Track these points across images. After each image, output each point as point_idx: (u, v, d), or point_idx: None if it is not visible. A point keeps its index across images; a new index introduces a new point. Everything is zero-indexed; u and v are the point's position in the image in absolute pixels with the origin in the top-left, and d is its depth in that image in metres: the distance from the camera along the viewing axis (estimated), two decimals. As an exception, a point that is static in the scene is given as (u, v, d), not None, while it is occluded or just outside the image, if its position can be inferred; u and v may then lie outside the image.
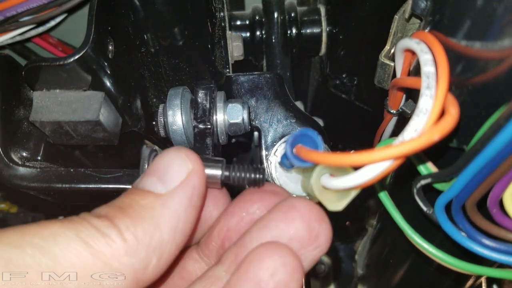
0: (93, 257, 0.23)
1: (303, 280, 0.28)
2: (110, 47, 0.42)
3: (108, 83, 0.42)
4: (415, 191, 0.33)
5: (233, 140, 0.73)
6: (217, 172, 0.33)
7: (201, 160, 0.29)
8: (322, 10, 0.64)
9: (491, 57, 0.26)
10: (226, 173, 0.33)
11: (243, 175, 0.33)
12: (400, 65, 0.35)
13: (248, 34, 0.64)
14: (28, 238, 0.23)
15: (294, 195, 0.43)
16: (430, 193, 0.32)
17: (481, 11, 0.25)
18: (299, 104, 0.58)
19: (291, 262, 0.27)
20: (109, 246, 0.24)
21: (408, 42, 0.30)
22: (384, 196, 0.40)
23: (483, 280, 0.63)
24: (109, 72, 0.42)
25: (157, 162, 0.29)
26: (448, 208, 0.30)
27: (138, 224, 0.25)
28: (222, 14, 0.51)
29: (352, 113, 0.73)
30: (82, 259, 0.23)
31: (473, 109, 0.28)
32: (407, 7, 0.34)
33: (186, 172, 0.28)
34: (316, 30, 0.64)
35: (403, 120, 0.42)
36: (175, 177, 0.28)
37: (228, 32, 0.53)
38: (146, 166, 0.32)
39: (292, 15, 0.63)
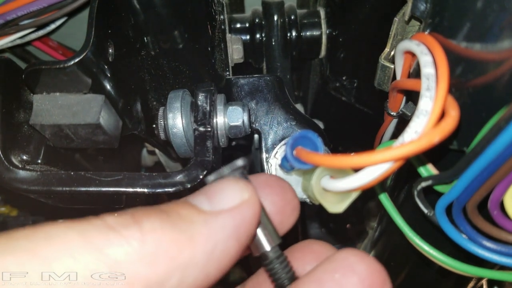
0: (96, 260, 0.19)
1: None
2: (110, 50, 0.42)
3: (108, 86, 0.42)
4: (415, 193, 0.32)
5: (233, 142, 0.73)
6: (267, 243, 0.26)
7: (260, 201, 0.25)
8: (322, 13, 0.64)
9: (491, 58, 0.26)
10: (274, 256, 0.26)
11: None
12: (400, 67, 0.35)
13: (248, 37, 0.64)
14: (13, 242, 0.19)
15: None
16: (431, 195, 0.32)
17: (480, 13, 0.25)
18: (299, 107, 0.59)
19: None
20: (120, 247, 0.20)
21: (408, 44, 0.30)
22: (384, 198, 0.40)
23: (484, 282, 0.62)
24: (109, 75, 0.42)
25: (211, 185, 0.25)
26: (448, 210, 0.30)
27: (168, 230, 0.21)
28: (222, 17, 0.51)
29: (352, 116, 0.73)
30: (82, 263, 0.19)
31: (474, 111, 0.28)
32: (407, 10, 0.34)
33: (239, 200, 0.24)
34: (316, 32, 0.64)
35: (403, 122, 0.42)
36: (225, 200, 0.24)
37: (228, 35, 0.53)
38: None
39: (292, 17, 0.64)
